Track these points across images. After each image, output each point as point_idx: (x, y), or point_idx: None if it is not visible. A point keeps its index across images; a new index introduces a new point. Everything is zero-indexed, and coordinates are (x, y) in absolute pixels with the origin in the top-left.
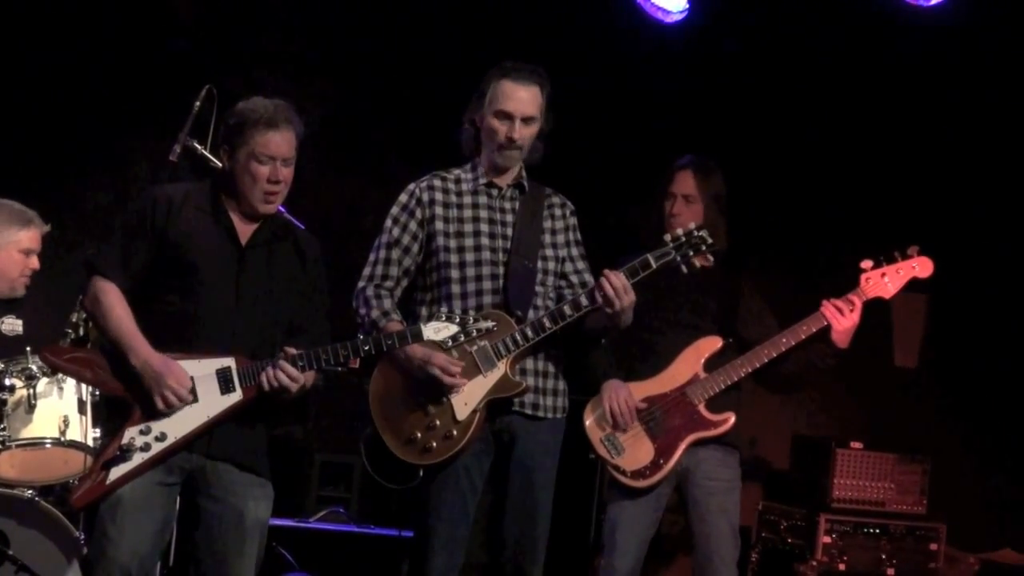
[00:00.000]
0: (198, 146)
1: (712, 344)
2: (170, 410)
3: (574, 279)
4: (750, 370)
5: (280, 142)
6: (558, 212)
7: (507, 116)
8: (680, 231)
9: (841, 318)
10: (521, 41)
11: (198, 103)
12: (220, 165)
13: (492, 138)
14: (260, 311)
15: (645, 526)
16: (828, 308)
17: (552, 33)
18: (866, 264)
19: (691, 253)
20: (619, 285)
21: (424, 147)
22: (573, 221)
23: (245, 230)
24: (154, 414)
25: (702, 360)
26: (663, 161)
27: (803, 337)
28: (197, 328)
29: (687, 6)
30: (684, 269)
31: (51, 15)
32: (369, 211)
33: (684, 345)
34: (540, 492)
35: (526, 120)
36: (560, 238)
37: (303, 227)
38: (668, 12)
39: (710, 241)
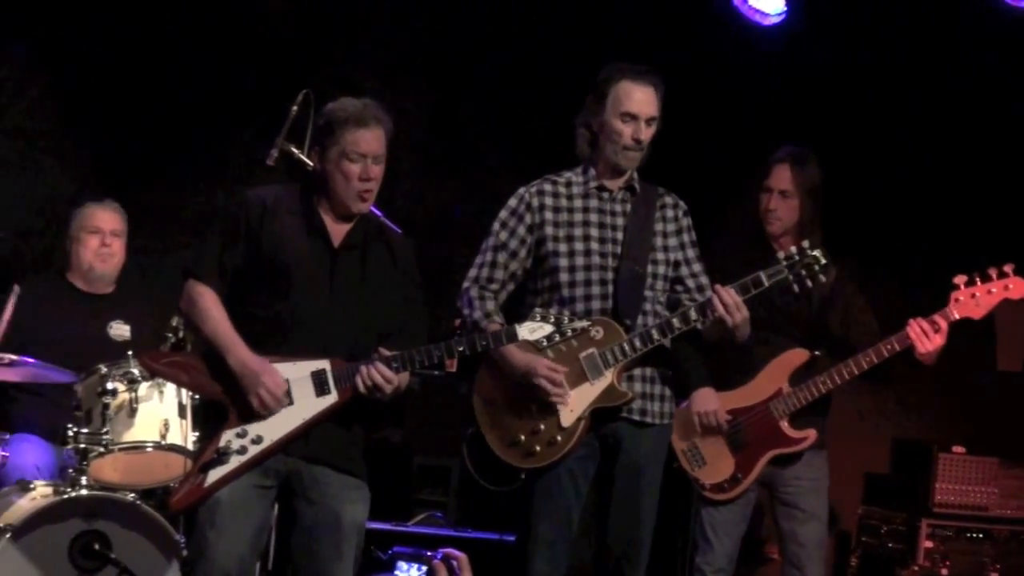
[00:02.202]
0: (295, 150)
1: (799, 357)
2: (265, 411)
3: (690, 283)
4: (831, 387)
5: (371, 139)
6: (670, 213)
7: (632, 117)
8: (794, 249)
9: (925, 340)
10: (618, 43)
11: (295, 107)
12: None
13: (615, 140)
14: (354, 313)
15: (736, 524)
16: (914, 328)
17: (650, 35)
18: (959, 279)
19: (804, 273)
20: (730, 302)
21: (523, 148)
22: (687, 222)
23: (338, 231)
24: (250, 416)
25: (788, 374)
26: (761, 163)
27: (886, 355)
28: (291, 331)
29: (785, 8)
30: (796, 288)
31: (146, 22)
32: (467, 213)
33: (772, 356)
34: (645, 498)
35: (649, 121)
36: (673, 240)
37: (398, 230)
38: (766, 15)
39: (824, 262)
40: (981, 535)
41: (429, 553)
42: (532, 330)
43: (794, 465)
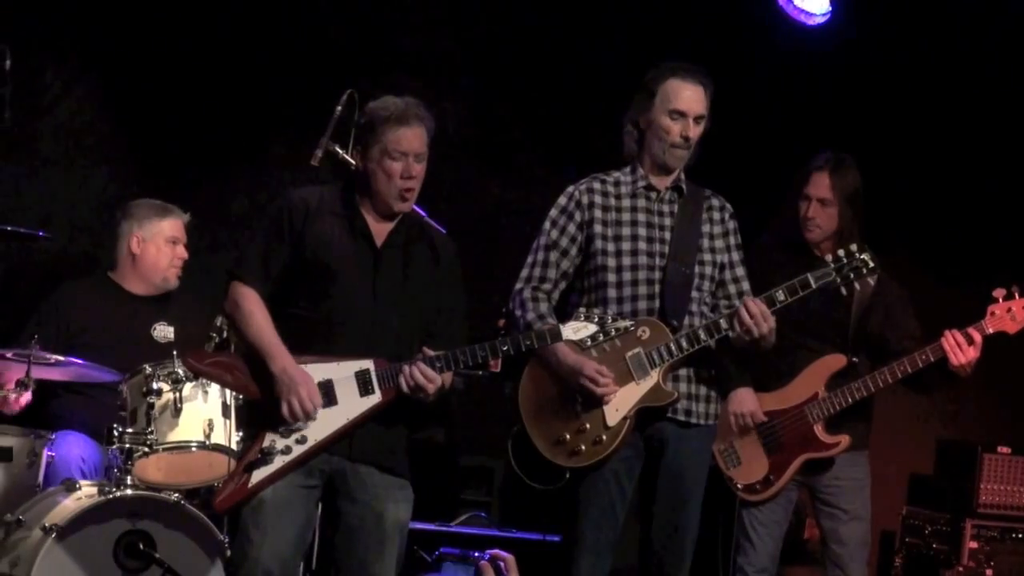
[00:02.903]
0: (339, 150)
1: (837, 362)
2: (293, 421)
3: (731, 289)
4: (866, 393)
5: (412, 138)
6: (717, 216)
7: (681, 115)
8: (842, 252)
9: (959, 352)
10: (661, 43)
11: (340, 107)
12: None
13: (663, 138)
14: (397, 312)
15: (778, 523)
16: (948, 340)
17: (693, 35)
18: (998, 293)
19: (852, 276)
20: (756, 312)
21: (565, 148)
22: (733, 225)
23: (380, 231)
24: (282, 420)
25: (825, 378)
26: (803, 167)
27: (920, 365)
28: (335, 331)
29: (830, 8)
30: (844, 291)
31: (192, 22)
32: (511, 213)
33: (811, 360)
34: (689, 498)
35: (698, 119)
36: (719, 243)
37: (443, 230)
38: (811, 15)
39: (871, 265)
40: None
41: (476, 554)
42: (576, 330)
43: (834, 466)
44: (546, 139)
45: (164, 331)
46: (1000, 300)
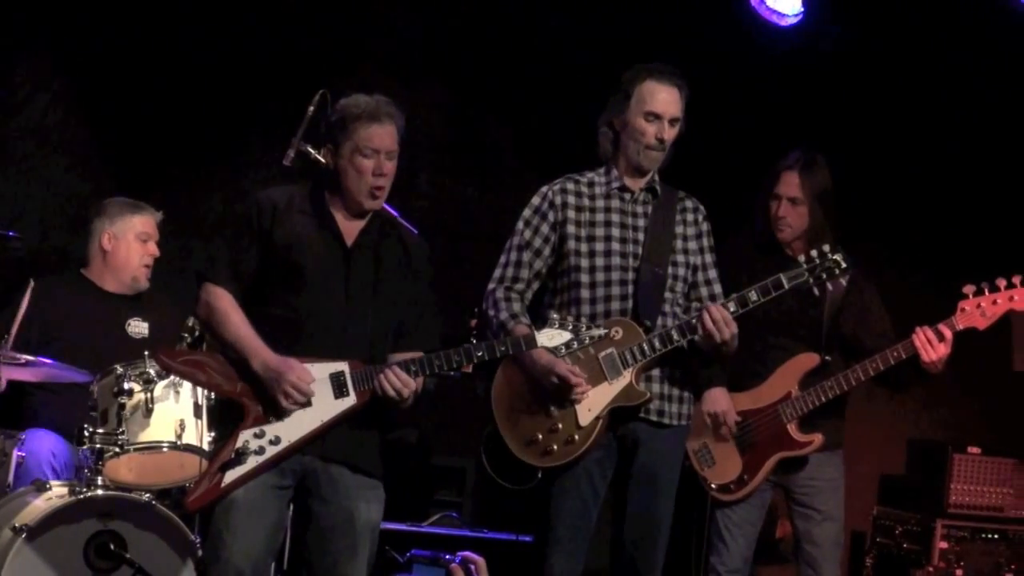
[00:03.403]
0: (312, 151)
1: (809, 361)
2: (294, 406)
3: (703, 291)
4: (839, 392)
5: (383, 135)
6: (691, 217)
7: (656, 117)
8: (814, 253)
9: (930, 349)
10: (635, 44)
11: (312, 108)
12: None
13: (638, 139)
14: (369, 311)
15: (752, 524)
16: (919, 337)
17: (667, 36)
18: (968, 289)
19: (824, 277)
20: (719, 318)
21: (539, 149)
22: (706, 226)
23: (350, 229)
24: (268, 417)
25: (798, 377)
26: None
27: (892, 363)
28: (308, 332)
29: (802, 9)
30: (816, 292)
31: (162, 24)
32: (484, 213)
33: (784, 359)
34: (661, 499)
35: (673, 121)
36: (693, 244)
37: (415, 230)
38: (783, 15)
39: (844, 266)
40: (996, 536)
41: (447, 556)
42: (550, 337)
43: (808, 466)
44: (520, 140)
45: (139, 327)
46: (970, 296)
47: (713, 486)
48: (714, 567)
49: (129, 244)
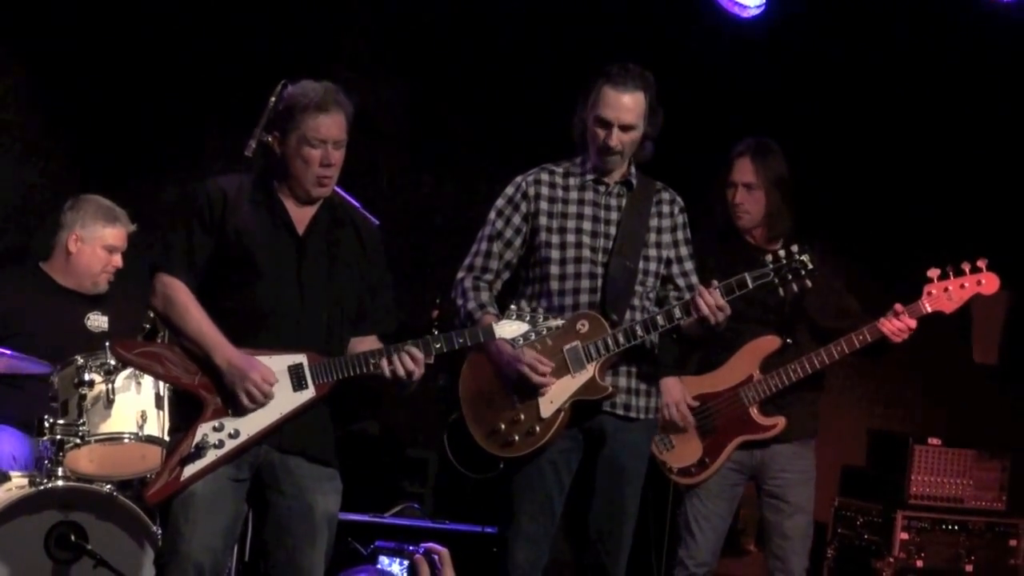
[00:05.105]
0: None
1: (770, 344)
2: (254, 406)
3: (680, 282)
4: (802, 375)
5: (331, 125)
6: (666, 209)
7: (606, 123)
8: (782, 252)
9: (899, 333)
10: (598, 37)
11: (273, 98)
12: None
13: (592, 142)
14: (324, 301)
15: (722, 517)
16: (885, 324)
17: (629, 29)
18: (933, 273)
19: (790, 277)
20: (713, 303)
21: (501, 140)
22: (682, 219)
23: (301, 217)
24: (227, 410)
25: (759, 360)
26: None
27: (857, 347)
28: (262, 324)
29: (764, 1)
30: (781, 292)
31: (121, 14)
32: (445, 205)
33: (745, 341)
34: (627, 492)
35: (624, 128)
36: (667, 237)
37: (375, 220)
38: (745, 7)
39: (810, 267)
40: (956, 527)
41: (411, 548)
42: (508, 327)
43: (781, 457)
44: (482, 132)
45: (98, 320)
46: (935, 280)
47: (673, 469)
48: (682, 560)
49: (94, 251)
